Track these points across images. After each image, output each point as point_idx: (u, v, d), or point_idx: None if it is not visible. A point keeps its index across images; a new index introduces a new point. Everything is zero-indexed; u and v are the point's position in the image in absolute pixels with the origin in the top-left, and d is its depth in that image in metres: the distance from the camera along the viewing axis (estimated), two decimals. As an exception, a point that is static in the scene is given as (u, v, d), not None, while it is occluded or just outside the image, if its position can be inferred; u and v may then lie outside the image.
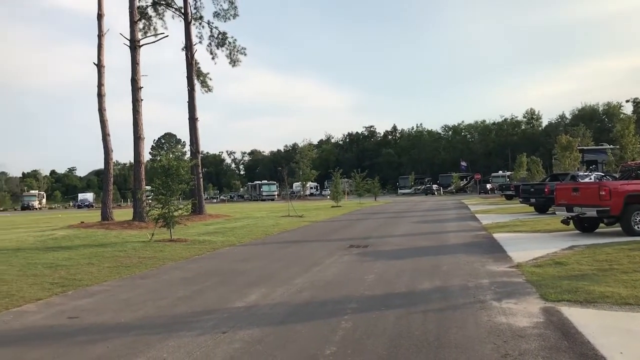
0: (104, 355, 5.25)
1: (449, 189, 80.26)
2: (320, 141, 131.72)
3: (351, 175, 57.29)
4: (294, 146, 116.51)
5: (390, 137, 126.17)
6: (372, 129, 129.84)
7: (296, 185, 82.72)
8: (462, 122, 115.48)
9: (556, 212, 16.69)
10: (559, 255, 10.74)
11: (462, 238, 15.53)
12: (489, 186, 70.57)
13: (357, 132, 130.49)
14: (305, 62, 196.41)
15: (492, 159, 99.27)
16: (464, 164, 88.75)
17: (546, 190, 22.57)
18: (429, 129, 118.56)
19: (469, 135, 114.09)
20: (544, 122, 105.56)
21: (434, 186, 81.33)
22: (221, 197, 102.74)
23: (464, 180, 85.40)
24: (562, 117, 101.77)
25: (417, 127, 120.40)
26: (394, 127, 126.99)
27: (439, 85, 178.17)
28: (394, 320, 6.30)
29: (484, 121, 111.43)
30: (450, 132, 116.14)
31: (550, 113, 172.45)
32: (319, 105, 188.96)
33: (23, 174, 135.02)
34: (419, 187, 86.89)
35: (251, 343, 5.55)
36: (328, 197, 63.77)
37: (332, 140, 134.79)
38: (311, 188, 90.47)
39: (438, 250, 12.83)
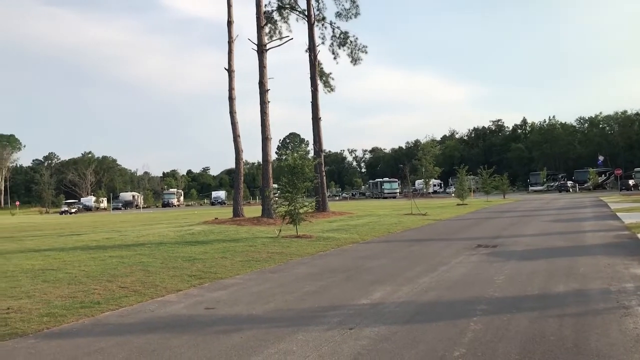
0: (238, 345, 5.52)
1: (586, 185, 74.50)
2: (444, 137, 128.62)
3: (477, 172, 55.30)
4: (416, 143, 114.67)
5: (519, 131, 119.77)
6: (499, 122, 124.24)
7: (418, 183, 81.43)
8: (600, 113, 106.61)
9: None
10: None
11: (602, 238, 14.38)
12: (631, 182, 64.62)
13: (483, 127, 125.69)
14: (425, 56, 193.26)
15: (635, 152, 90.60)
16: (601, 158, 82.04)
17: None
18: (563, 122, 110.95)
19: (607, 128, 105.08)
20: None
21: (569, 183, 75.94)
22: (343, 194, 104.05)
23: (603, 176, 78.75)
24: None
25: (549, 119, 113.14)
26: (524, 121, 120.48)
27: (574, 74, 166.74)
28: (526, 324, 5.98)
29: (625, 111, 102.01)
30: (586, 125, 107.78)
31: None
32: (441, 100, 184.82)
33: (163, 173, 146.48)
34: (551, 184, 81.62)
35: (378, 340, 5.55)
36: (452, 194, 62.14)
37: (457, 136, 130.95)
38: (434, 185, 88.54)
39: (574, 251, 11.99)
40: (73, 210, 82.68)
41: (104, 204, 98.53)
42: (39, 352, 5.45)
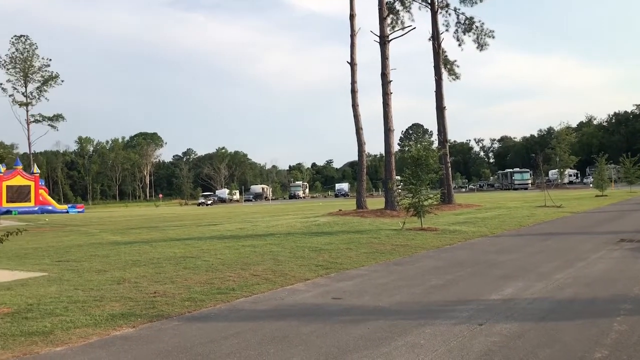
0: (365, 335, 5.58)
1: None
2: (580, 123, 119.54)
3: (619, 161, 50.80)
4: (549, 130, 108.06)
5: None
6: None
7: (552, 173, 76.56)
8: None
9: None
10: None
11: None
12: None
13: (625, 111, 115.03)
14: (557, 37, 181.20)
15: None
16: None
17: None
18: None
19: None
20: None
21: None
22: (470, 186, 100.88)
23: None
24: None
25: None
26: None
27: None
28: (682, 328, 5.42)
29: None
30: None
31: None
32: (576, 84, 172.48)
33: (289, 166, 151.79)
34: None
35: (510, 337, 5.33)
36: (590, 185, 57.68)
37: (594, 122, 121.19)
38: (570, 176, 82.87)
39: None
40: (209, 202, 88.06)
41: (237, 196, 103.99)
42: (182, 333, 5.90)
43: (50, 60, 77.89)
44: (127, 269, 10.42)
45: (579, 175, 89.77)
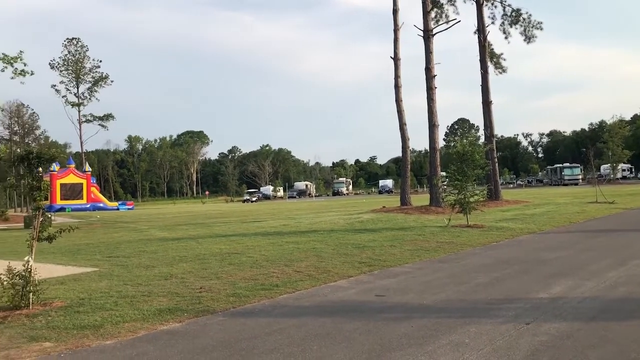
0: (409, 333, 5.53)
1: None
2: (634, 116, 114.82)
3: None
4: (601, 124, 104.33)
5: None
6: None
7: (604, 168, 74.03)
8: None
9: None
10: None
11: None
12: None
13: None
14: (608, 27, 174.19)
15: None
16: None
17: None
18: None
19: None
20: None
21: None
22: (518, 182, 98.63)
23: None
24: None
25: None
26: None
27: None
28: None
29: None
30: None
31: None
32: (630, 75, 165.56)
33: (333, 163, 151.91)
34: None
35: (558, 337, 5.18)
36: (645, 180, 55.48)
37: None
38: (623, 170, 79.90)
39: None
40: (254, 199, 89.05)
41: (280, 193, 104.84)
42: (227, 328, 5.99)
43: (101, 61, 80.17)
44: (174, 265, 10.66)
45: (632, 170, 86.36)
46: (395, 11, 27.81)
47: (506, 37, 33.85)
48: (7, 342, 5.55)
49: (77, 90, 79.42)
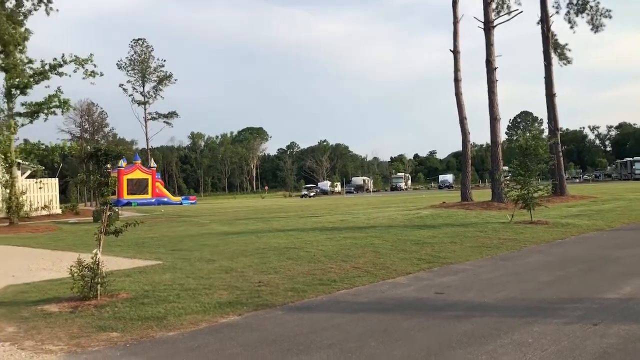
0: (469, 332, 5.42)
1: None
2: None
3: None
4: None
5: None
6: None
7: (680, 162, 70.08)
8: None
9: None
10: None
11: None
12: None
13: None
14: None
15: None
16: None
17: None
18: None
19: None
20: None
21: None
22: (584, 176, 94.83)
23: None
24: None
25: None
26: None
27: None
28: None
29: None
30: None
31: None
32: None
33: (391, 158, 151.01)
34: None
35: (628, 340, 4.94)
36: None
37: None
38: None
39: None
40: (312, 194, 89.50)
41: (338, 188, 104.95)
42: (284, 323, 6.06)
43: (165, 60, 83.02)
44: (234, 259, 10.87)
45: None
46: (454, 3, 27.22)
47: (571, 27, 32.51)
48: (78, 331, 5.83)
49: (143, 89, 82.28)
